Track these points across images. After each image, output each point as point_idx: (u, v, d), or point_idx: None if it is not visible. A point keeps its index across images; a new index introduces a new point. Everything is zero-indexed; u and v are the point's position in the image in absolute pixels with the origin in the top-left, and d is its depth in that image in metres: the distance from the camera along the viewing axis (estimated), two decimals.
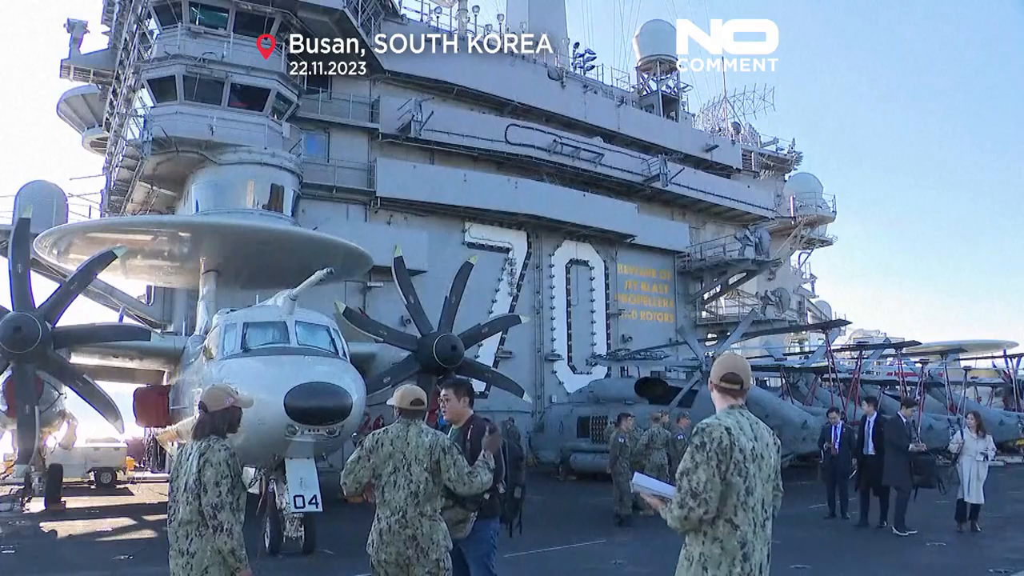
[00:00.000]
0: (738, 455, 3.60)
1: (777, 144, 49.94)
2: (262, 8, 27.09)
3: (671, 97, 42.66)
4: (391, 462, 5.36)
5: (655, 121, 40.80)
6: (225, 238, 20.00)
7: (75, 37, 33.47)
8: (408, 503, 5.25)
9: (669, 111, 42.30)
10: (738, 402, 3.92)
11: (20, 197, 29.24)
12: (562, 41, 40.96)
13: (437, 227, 31.82)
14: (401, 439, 5.42)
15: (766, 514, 3.72)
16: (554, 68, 37.74)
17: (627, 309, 37.23)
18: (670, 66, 42.90)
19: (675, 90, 43.06)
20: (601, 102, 38.74)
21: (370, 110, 31.44)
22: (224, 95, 26.50)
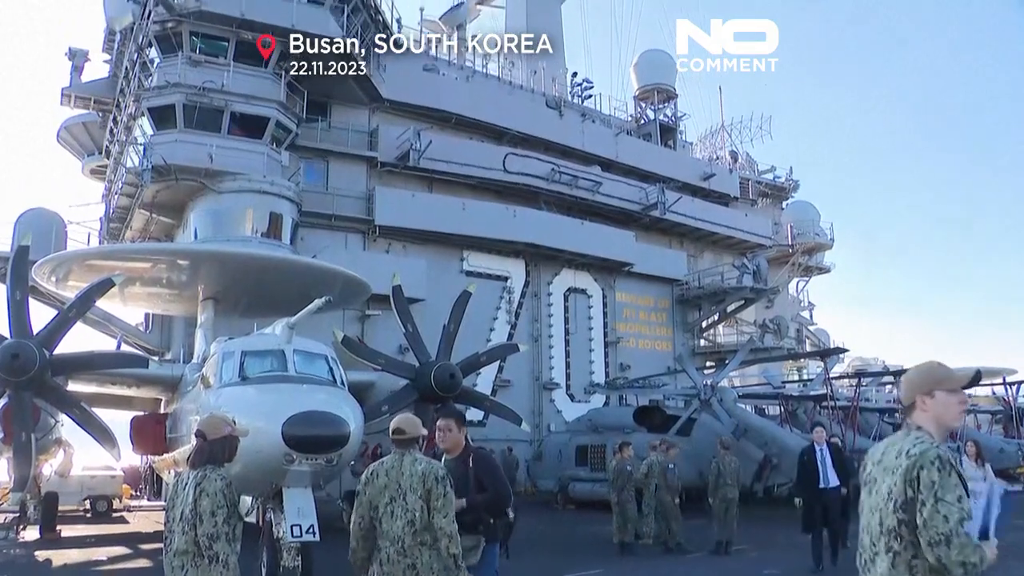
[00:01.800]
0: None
1: (774, 172, 50.09)
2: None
3: (669, 126, 42.91)
4: (387, 492, 5.36)
5: (653, 150, 41.00)
6: (224, 266, 20.00)
7: (76, 65, 33.71)
8: (406, 532, 5.23)
9: (667, 140, 42.52)
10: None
11: (19, 224, 29.26)
12: (560, 70, 41.24)
13: (435, 255, 31.86)
14: (396, 469, 5.42)
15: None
16: (552, 97, 37.99)
17: (625, 337, 37.20)
18: (667, 95, 43.18)
19: (673, 119, 43.31)
20: (599, 131, 38.94)
21: (369, 139, 31.59)
22: (224, 123, 26.61)
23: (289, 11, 27.30)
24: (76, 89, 33.55)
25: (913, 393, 3.56)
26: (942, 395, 3.49)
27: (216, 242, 25.21)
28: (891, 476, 3.38)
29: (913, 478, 3.29)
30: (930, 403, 3.50)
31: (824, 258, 49.90)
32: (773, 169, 50.12)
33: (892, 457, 3.44)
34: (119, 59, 31.88)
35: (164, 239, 29.72)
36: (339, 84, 29.92)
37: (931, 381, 3.54)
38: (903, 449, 3.40)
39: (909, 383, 3.62)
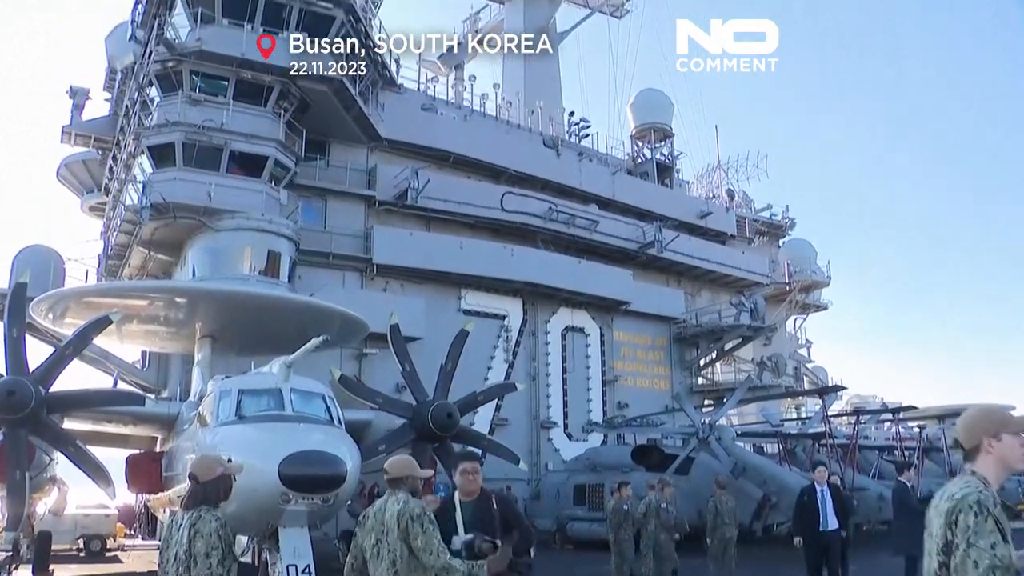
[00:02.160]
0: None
1: (771, 210, 50.33)
2: (261, 77, 27.46)
3: (665, 164, 43.13)
4: (373, 534, 5.39)
5: (650, 188, 41.18)
6: (221, 304, 19.99)
7: (77, 104, 33.94)
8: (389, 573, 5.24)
9: (663, 178, 42.72)
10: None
11: (17, 261, 29.32)
12: (557, 110, 41.55)
13: (433, 294, 31.86)
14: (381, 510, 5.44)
15: None
16: (549, 136, 38.23)
17: (623, 376, 37.12)
18: (664, 134, 43.46)
19: (669, 158, 43.53)
20: (596, 170, 39.13)
21: (367, 178, 31.72)
22: (223, 162, 26.74)
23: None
24: (77, 127, 33.76)
25: (979, 436, 3.59)
26: (1008, 437, 3.54)
27: (214, 280, 25.21)
28: (939, 519, 3.43)
29: (952, 521, 3.34)
30: (996, 445, 3.54)
31: (821, 295, 50.04)
32: (769, 207, 50.38)
33: (943, 500, 3.48)
34: (120, 97, 32.11)
35: (162, 277, 29.72)
36: (338, 123, 30.14)
37: (997, 423, 3.58)
38: (951, 492, 3.45)
39: (973, 426, 3.64)
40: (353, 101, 29.21)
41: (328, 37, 28.18)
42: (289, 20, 27.66)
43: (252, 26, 27.26)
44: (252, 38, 27.13)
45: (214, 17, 26.97)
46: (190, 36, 26.73)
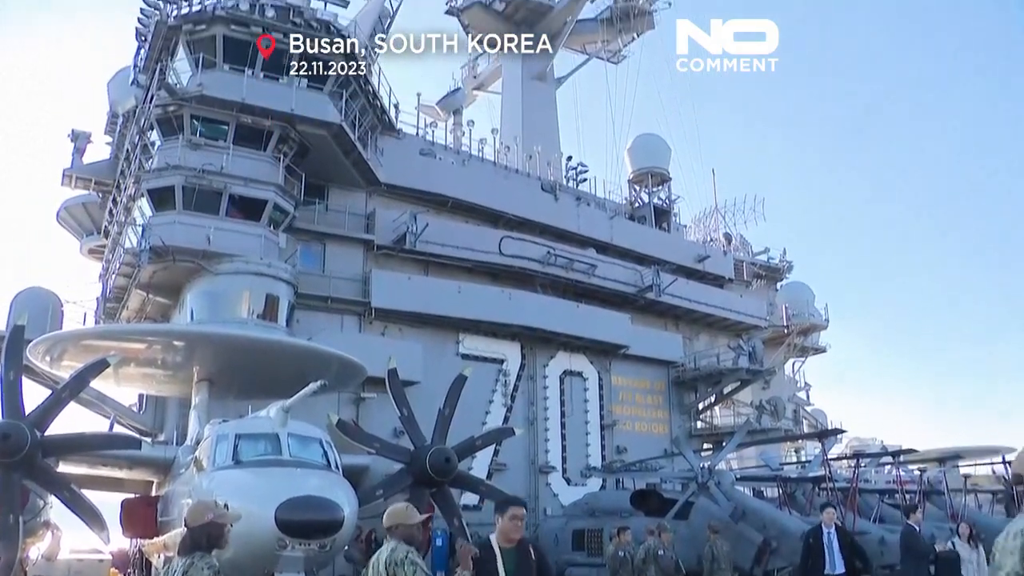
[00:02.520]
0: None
1: (768, 254, 50.53)
2: (261, 122, 27.66)
3: (663, 209, 43.30)
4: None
5: (647, 232, 41.31)
6: (219, 348, 19.99)
7: (79, 147, 34.22)
8: None
9: (661, 222, 42.88)
10: None
11: (15, 303, 29.34)
12: (555, 154, 41.82)
13: (431, 338, 31.81)
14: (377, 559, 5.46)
15: None
16: (547, 181, 38.42)
17: (621, 420, 36.97)
18: (661, 178, 43.70)
19: (667, 202, 43.73)
20: (594, 214, 39.27)
21: (366, 222, 31.79)
22: (222, 205, 26.83)
23: (289, 96, 27.74)
24: (77, 170, 33.97)
25: None
26: None
27: (212, 324, 25.25)
28: (1010, 557, 3.52)
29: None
30: None
31: (819, 338, 50.05)
32: (767, 251, 50.60)
33: (1008, 540, 3.53)
34: (121, 141, 32.32)
35: (160, 320, 29.72)
36: (337, 167, 30.30)
37: None
38: (1018, 529, 3.45)
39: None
40: (352, 146, 29.39)
41: (328, 83, 28.49)
42: (290, 66, 27.93)
43: (253, 71, 27.53)
44: (253, 83, 27.38)
45: (215, 62, 27.22)
46: (191, 81, 26.96)
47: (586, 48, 49.48)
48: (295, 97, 27.81)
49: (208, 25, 27.16)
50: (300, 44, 27.57)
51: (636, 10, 46.85)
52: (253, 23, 27.31)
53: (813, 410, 50.58)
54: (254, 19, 27.33)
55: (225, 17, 26.99)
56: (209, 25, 27.15)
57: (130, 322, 30.18)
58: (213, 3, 27.26)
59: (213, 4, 27.21)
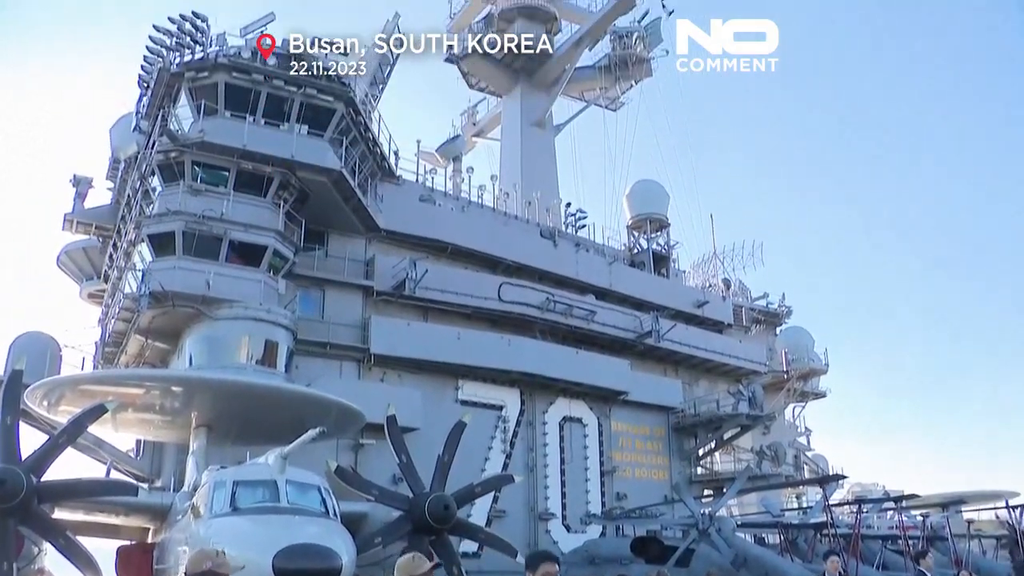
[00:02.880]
0: None
1: (767, 299, 50.62)
2: (262, 168, 27.80)
3: (662, 254, 43.42)
4: None
5: (646, 278, 41.39)
6: (217, 393, 19.95)
7: (80, 192, 34.33)
8: None
9: (660, 268, 42.97)
10: None
11: (14, 348, 29.34)
12: (554, 201, 42.03)
13: (430, 384, 31.72)
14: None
15: None
16: (546, 227, 38.57)
17: (621, 467, 36.77)
18: (660, 224, 43.86)
19: (665, 248, 43.85)
20: (593, 260, 39.38)
21: (365, 268, 31.84)
22: (222, 251, 26.87)
23: (289, 142, 27.90)
24: (79, 215, 34.05)
25: None
26: None
27: (211, 369, 25.17)
28: None
29: None
30: None
31: (819, 383, 50.03)
32: (766, 296, 50.71)
33: None
34: (122, 187, 32.46)
35: (159, 365, 29.67)
36: (337, 214, 30.39)
37: None
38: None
39: None
40: (352, 192, 29.51)
41: (329, 130, 28.70)
42: (290, 113, 28.14)
43: (254, 118, 27.71)
44: (254, 130, 27.56)
45: (217, 109, 27.42)
46: (193, 127, 27.12)
47: (584, 95, 49.97)
48: (295, 144, 27.97)
49: (210, 72, 27.39)
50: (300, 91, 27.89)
51: (634, 58, 47.31)
52: (255, 71, 27.56)
53: (814, 455, 50.40)
54: (256, 67, 27.59)
55: (227, 65, 27.24)
56: (211, 72, 27.38)
57: (129, 367, 30.12)
58: (215, 51, 27.53)
59: (215, 52, 27.47)
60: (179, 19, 28.55)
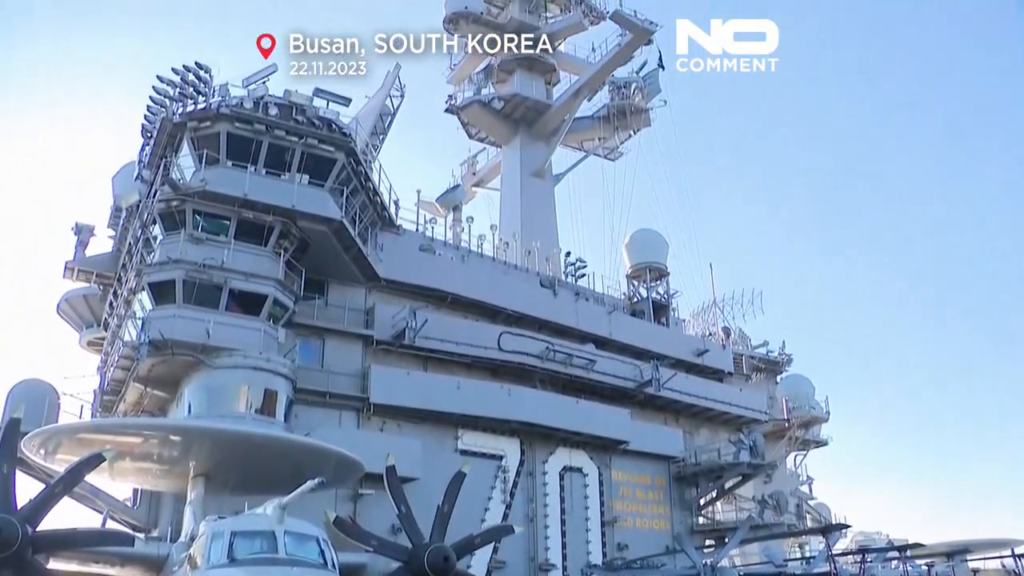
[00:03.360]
0: None
1: (767, 347, 50.62)
2: (263, 217, 27.92)
3: (661, 303, 43.47)
4: None
5: (646, 327, 41.40)
6: (216, 443, 19.87)
7: (82, 240, 34.45)
8: None
9: (660, 317, 43.00)
10: None
11: (12, 395, 29.20)
12: (554, 250, 42.18)
13: (430, 434, 31.57)
14: None
15: None
16: (546, 277, 38.66)
17: (622, 516, 36.46)
18: (659, 273, 43.98)
19: (665, 296, 43.92)
20: (593, 309, 39.41)
21: (365, 317, 31.82)
22: (222, 300, 26.89)
23: (290, 192, 28.04)
24: (80, 263, 34.13)
25: None
26: None
27: (209, 418, 25.09)
28: None
29: None
30: None
31: (821, 431, 49.92)
32: (766, 344, 50.76)
33: None
34: (123, 235, 32.55)
35: (158, 413, 29.58)
36: (337, 263, 30.47)
37: None
38: None
39: None
40: (352, 242, 29.63)
41: (329, 180, 28.86)
42: (291, 162, 28.32)
43: (255, 168, 27.88)
44: (255, 179, 27.70)
45: (219, 159, 27.60)
46: (195, 176, 27.27)
47: (583, 145, 50.42)
48: (296, 193, 28.11)
49: (212, 122, 27.61)
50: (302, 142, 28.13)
51: (632, 108, 47.85)
52: (256, 120, 27.78)
53: (816, 504, 50.17)
54: (257, 117, 27.81)
55: (229, 115, 27.46)
56: (214, 122, 27.61)
57: (127, 416, 30.02)
58: (218, 101, 27.78)
59: (218, 102, 27.71)
60: (183, 70, 28.86)
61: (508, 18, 48.47)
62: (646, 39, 45.02)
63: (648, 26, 44.24)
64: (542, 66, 47.96)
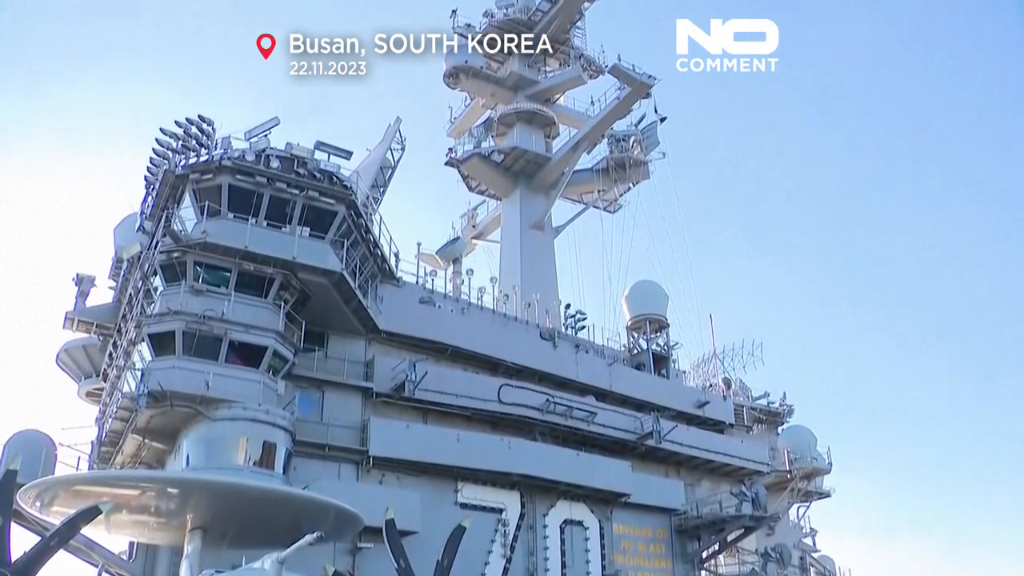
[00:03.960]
0: None
1: (768, 398, 50.53)
2: (263, 269, 28.01)
3: (661, 355, 43.42)
4: None
5: (647, 379, 41.32)
6: (214, 496, 19.76)
7: (82, 291, 34.50)
8: None
9: (660, 368, 42.94)
10: None
11: (9, 446, 29.02)
12: (554, 302, 42.24)
13: (430, 487, 31.36)
14: None
15: None
16: (546, 329, 38.66)
17: (624, 570, 36.05)
18: (659, 325, 43.99)
19: (665, 348, 43.89)
20: (593, 361, 39.37)
21: (365, 369, 31.79)
22: (222, 351, 26.88)
23: (291, 244, 28.15)
24: (80, 313, 34.16)
25: None
26: None
27: (207, 470, 24.95)
28: None
29: None
30: None
31: (823, 482, 49.64)
32: (767, 395, 50.67)
33: None
34: (124, 286, 32.63)
35: (155, 465, 29.45)
36: (337, 315, 30.50)
37: None
38: None
39: None
40: (353, 294, 29.68)
41: (330, 232, 29.00)
42: (292, 215, 28.47)
43: (256, 220, 28.02)
44: (256, 231, 27.82)
45: (220, 210, 27.75)
46: (196, 228, 27.39)
47: (583, 197, 50.73)
48: (297, 245, 28.22)
49: (215, 174, 27.80)
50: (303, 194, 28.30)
51: (631, 160, 48.23)
52: (258, 173, 27.97)
53: (820, 556, 49.78)
54: (259, 169, 28.01)
55: (231, 167, 27.66)
56: (216, 174, 27.79)
57: (124, 467, 29.90)
58: (220, 153, 28.00)
59: (220, 154, 27.93)
60: (186, 123, 29.12)
61: (508, 72, 49.10)
62: (644, 92, 45.52)
63: (646, 80, 44.74)
64: (541, 119, 48.43)
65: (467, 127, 50.77)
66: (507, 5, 49.35)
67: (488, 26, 48.80)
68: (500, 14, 49.06)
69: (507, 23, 48.37)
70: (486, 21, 49.29)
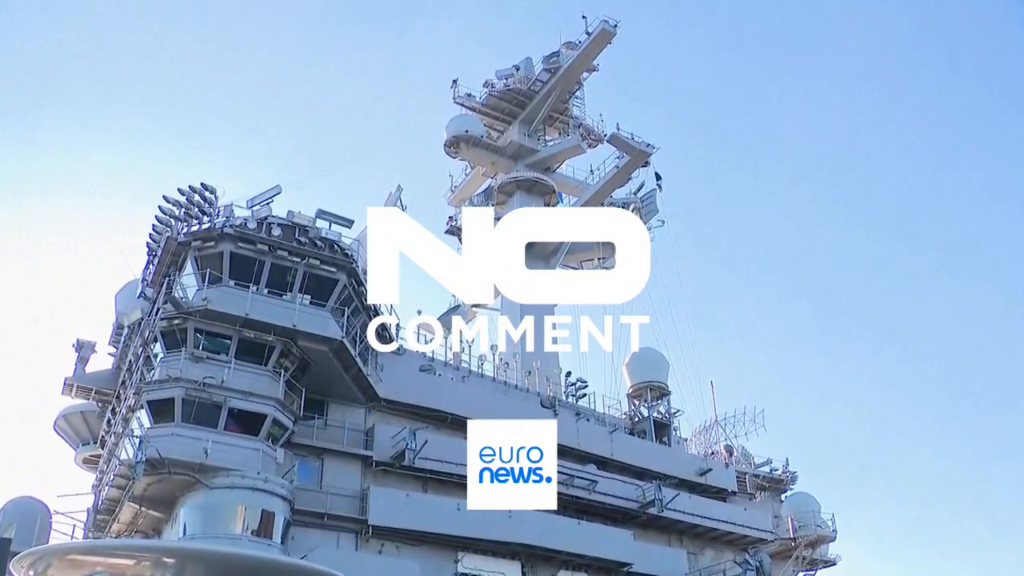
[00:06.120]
0: None
1: (771, 465, 50.13)
2: (264, 336, 28.07)
3: (663, 422, 43.28)
4: None
5: (648, 447, 41.14)
6: (210, 566, 19.64)
7: (82, 356, 34.43)
8: None
9: (661, 436, 42.77)
10: None
11: (4, 513, 28.75)
12: (554, 370, 42.17)
13: (429, 556, 31.03)
14: None
15: None
16: (547, 397, 38.58)
17: None
18: (660, 392, 43.91)
19: (666, 415, 43.75)
20: (594, 429, 39.22)
21: (364, 437, 31.67)
22: (221, 419, 26.83)
23: (291, 312, 28.27)
24: (79, 379, 34.06)
25: None
26: None
27: (205, 539, 24.70)
28: None
29: None
30: None
31: (828, 550, 49.00)
32: (769, 462, 50.22)
33: None
34: (124, 352, 32.66)
35: (152, 534, 29.14)
36: (337, 383, 30.49)
37: None
38: None
39: None
40: (353, 362, 29.73)
41: (331, 300, 29.11)
42: (293, 283, 28.62)
43: (257, 287, 28.15)
44: (257, 299, 27.94)
45: (221, 278, 27.91)
46: (197, 295, 27.54)
47: (583, 265, 50.83)
48: (297, 313, 28.35)
49: (216, 242, 28.05)
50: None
51: None
52: (260, 241, 28.22)
53: None
54: (261, 237, 28.26)
55: (233, 235, 27.90)
56: (217, 242, 28.04)
57: (120, 536, 29.57)
58: (222, 221, 28.28)
59: (222, 222, 28.21)
60: (188, 191, 29.36)
61: (508, 141, 49.68)
62: (643, 160, 46.13)
63: (645, 148, 45.27)
64: (542, 188, 48.87)
65: (468, 195, 51.30)
66: (507, 75, 50.18)
67: (488, 96, 49.54)
68: (500, 84, 49.83)
69: (507, 93, 49.10)
70: (486, 91, 50.06)
